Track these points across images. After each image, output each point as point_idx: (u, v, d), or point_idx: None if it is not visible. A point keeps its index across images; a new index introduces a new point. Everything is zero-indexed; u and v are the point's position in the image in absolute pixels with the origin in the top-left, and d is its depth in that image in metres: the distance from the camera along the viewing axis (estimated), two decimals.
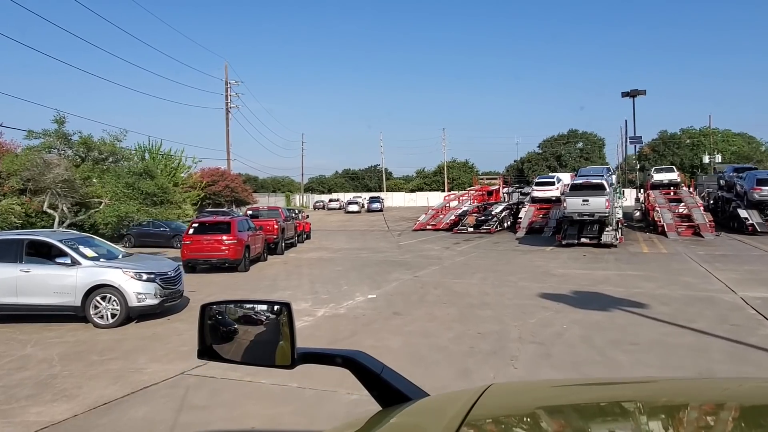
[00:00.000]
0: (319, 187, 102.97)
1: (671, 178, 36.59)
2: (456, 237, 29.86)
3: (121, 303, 9.40)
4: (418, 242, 27.04)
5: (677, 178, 37.02)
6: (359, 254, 21.32)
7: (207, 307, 1.65)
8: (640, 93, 41.35)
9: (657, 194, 33.17)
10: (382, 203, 66.70)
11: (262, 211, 24.59)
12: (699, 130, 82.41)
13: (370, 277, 14.99)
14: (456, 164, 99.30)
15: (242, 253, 16.27)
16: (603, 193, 21.60)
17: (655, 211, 30.17)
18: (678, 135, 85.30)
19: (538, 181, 35.68)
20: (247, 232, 17.43)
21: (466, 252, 21.49)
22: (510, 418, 1.20)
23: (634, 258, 18.45)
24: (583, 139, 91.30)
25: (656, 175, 37.42)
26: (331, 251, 22.81)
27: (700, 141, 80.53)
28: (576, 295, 11.67)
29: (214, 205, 45.50)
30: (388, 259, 19.30)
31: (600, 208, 21.03)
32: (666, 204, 30.99)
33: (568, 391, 1.46)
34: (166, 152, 33.76)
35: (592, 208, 21.08)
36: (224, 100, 48.53)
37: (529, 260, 18.31)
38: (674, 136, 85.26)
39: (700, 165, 71.40)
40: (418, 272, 15.67)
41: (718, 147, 75.46)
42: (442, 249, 22.98)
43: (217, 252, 15.94)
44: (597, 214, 21.07)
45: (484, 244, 25.35)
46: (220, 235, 16.04)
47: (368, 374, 1.45)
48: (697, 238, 24.95)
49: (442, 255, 20.56)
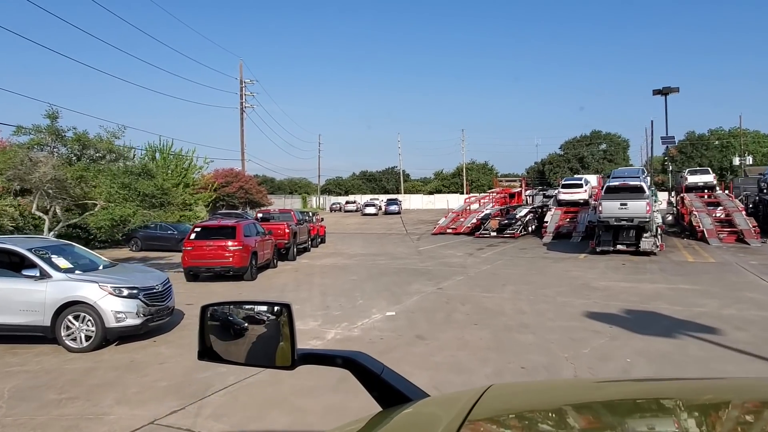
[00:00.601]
0: (336, 189, 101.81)
1: (707, 181, 34.49)
2: (478, 242, 28.22)
3: (97, 323, 8.00)
4: (438, 247, 25.44)
5: (713, 180, 34.91)
6: (376, 261, 19.80)
7: (207, 307, 1.64)
8: (673, 90, 39.09)
9: (693, 197, 31.14)
10: (400, 205, 65.12)
11: (273, 213, 23.19)
12: (728, 131, 79.49)
13: (388, 288, 13.46)
14: (475, 166, 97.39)
15: (248, 260, 14.85)
16: (642, 196, 19.81)
17: (692, 215, 28.19)
18: (706, 136, 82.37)
19: (564, 183, 33.84)
20: (255, 237, 16.02)
21: (491, 259, 19.85)
22: (510, 418, 1.18)
23: (681, 268, 16.63)
24: (606, 140, 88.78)
25: (690, 177, 35.35)
26: (347, 257, 21.33)
27: (730, 142, 77.70)
28: (629, 315, 10.00)
29: (227, 206, 44.41)
30: (408, 267, 17.76)
31: (640, 213, 19.24)
32: (704, 208, 28.97)
33: (568, 391, 1.46)
34: (177, 152, 32.58)
35: (631, 213, 19.29)
36: (239, 99, 47.51)
37: (564, 270, 16.61)
38: (702, 137, 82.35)
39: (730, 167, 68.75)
40: (442, 283, 14.10)
41: (749, 149, 72.72)
42: (465, 255, 21.37)
43: (220, 259, 14.53)
44: (636, 220, 19.28)
45: (509, 250, 23.66)
46: (224, 241, 14.64)
47: (368, 375, 1.45)
48: (741, 246, 22.99)
49: (465, 262, 18.95)
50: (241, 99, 47.52)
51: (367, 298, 12.25)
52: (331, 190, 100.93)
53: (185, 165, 32.44)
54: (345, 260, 20.19)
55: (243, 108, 47.48)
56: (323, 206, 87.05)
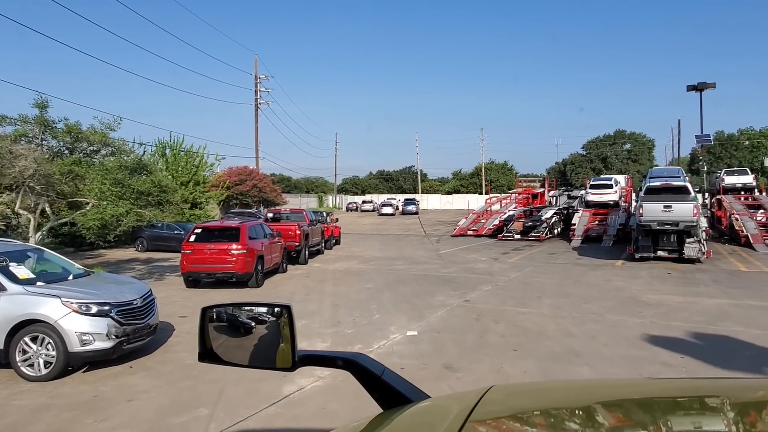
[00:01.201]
0: (352, 188, 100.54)
1: (745, 182, 32.34)
2: (502, 245, 26.54)
3: (58, 347, 6.60)
4: (460, 251, 23.83)
5: (752, 181, 32.71)
6: (394, 265, 18.27)
7: (208, 309, 1.65)
8: (709, 86, 37.04)
9: (732, 200, 29.08)
10: (418, 205, 63.45)
11: (284, 213, 21.73)
12: (759, 131, 76.46)
13: (408, 300, 11.92)
14: (494, 166, 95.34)
15: (253, 265, 13.43)
16: (688, 197, 17.98)
17: (732, 219, 26.18)
18: (735, 136, 79.39)
19: (593, 184, 31.97)
20: (262, 239, 14.59)
21: (519, 265, 18.20)
22: (512, 419, 1.18)
23: (737, 279, 14.82)
24: (631, 139, 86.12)
25: (727, 178, 33.17)
26: (362, 261, 19.83)
27: (761, 142, 74.76)
28: (698, 340, 8.35)
29: (241, 205, 43.24)
30: (429, 274, 16.20)
31: (686, 216, 17.43)
32: (745, 211, 26.93)
33: (569, 392, 1.44)
34: (187, 149, 31.37)
35: (677, 216, 17.49)
36: (254, 95, 46.30)
37: (603, 279, 14.91)
38: (732, 137, 79.36)
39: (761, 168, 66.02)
40: (469, 294, 12.53)
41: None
42: (490, 260, 19.74)
43: (222, 264, 13.13)
44: (682, 224, 17.46)
45: (537, 254, 21.97)
46: (226, 244, 13.23)
47: (369, 376, 1.44)
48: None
49: (492, 269, 17.33)
50: (255, 95, 46.30)
51: (384, 311, 10.74)
52: (348, 190, 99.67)
53: (196, 162, 31.17)
54: (360, 264, 18.70)
55: (258, 104, 46.27)
56: (339, 206, 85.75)
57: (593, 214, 30.32)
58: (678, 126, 65.00)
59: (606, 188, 31.20)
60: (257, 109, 46.07)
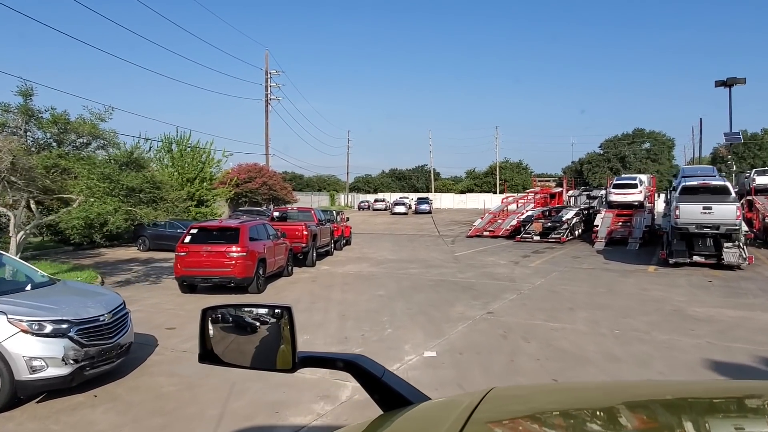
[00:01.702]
0: (364, 187, 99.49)
1: None
2: (521, 247, 25.18)
3: (3, 374, 5.45)
4: (477, 253, 22.51)
5: None
6: (408, 269, 17.02)
7: (208, 310, 1.65)
8: (739, 81, 35.26)
9: (765, 201, 27.46)
10: (431, 205, 62.08)
11: (291, 212, 20.54)
12: None
13: (424, 311, 10.67)
14: (509, 165, 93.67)
15: (254, 269, 12.26)
16: (729, 198, 16.51)
17: None
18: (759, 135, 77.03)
19: (617, 183, 30.44)
20: (265, 240, 13.43)
21: (543, 270, 16.87)
22: (511, 421, 1.18)
23: None
24: (650, 138, 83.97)
25: (758, 178, 31.44)
26: (374, 263, 18.61)
27: None
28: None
29: (250, 203, 42.24)
30: (446, 279, 14.93)
31: (728, 219, 15.98)
32: None
33: (569, 394, 1.43)
34: (194, 144, 30.33)
35: (718, 218, 16.03)
36: (264, 91, 45.25)
37: (639, 288, 13.54)
38: (755, 136, 76.99)
39: None
40: (491, 304, 11.25)
41: None
42: (511, 264, 18.42)
43: (219, 267, 11.96)
44: (724, 227, 16.01)
45: (560, 258, 20.59)
46: (224, 246, 12.07)
47: (369, 378, 1.44)
48: None
49: (513, 274, 16.02)
50: (266, 90, 45.27)
51: (397, 324, 9.50)
52: (360, 188, 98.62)
53: (202, 158, 30.12)
54: (371, 267, 17.47)
55: (268, 100, 45.24)
56: (351, 204, 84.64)
57: (617, 215, 28.86)
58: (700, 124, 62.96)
59: (630, 188, 29.69)
60: (267, 105, 45.06)
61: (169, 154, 30.36)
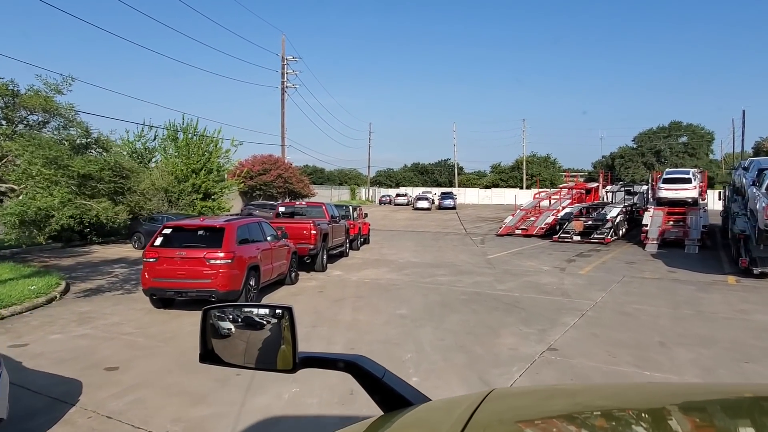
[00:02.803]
0: (386, 181, 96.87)
1: None
2: (560, 248, 22.26)
3: None
4: (512, 255, 19.66)
5: None
6: (435, 276, 14.29)
7: (209, 310, 1.66)
8: None
9: None
10: (456, 200, 59.07)
11: (300, 207, 17.77)
12: None
13: (461, 344, 7.91)
14: (536, 159, 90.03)
15: (242, 280, 9.65)
16: None
17: None
18: None
19: (668, 177, 27.18)
20: (260, 242, 10.84)
21: (598, 279, 13.98)
22: (512, 423, 1.17)
23: None
24: (688, 132, 79.48)
25: None
26: (394, 268, 15.91)
27: None
28: None
29: (265, 197, 39.85)
30: (482, 291, 12.17)
31: None
32: None
33: (570, 396, 1.43)
34: (200, 132, 27.91)
35: None
36: (280, 78, 42.73)
37: (732, 308, 10.56)
38: None
39: None
40: (550, 333, 8.45)
41: None
42: (556, 270, 15.55)
43: (197, 278, 9.37)
44: None
45: (612, 263, 17.64)
46: (204, 250, 9.47)
47: (370, 379, 1.45)
48: None
49: (563, 284, 13.18)
50: (282, 78, 42.78)
51: (426, 368, 6.78)
52: (382, 182, 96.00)
53: (209, 148, 27.69)
54: (392, 273, 14.77)
55: (284, 87, 42.74)
56: (372, 198, 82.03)
57: (667, 213, 25.69)
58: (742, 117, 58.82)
59: (683, 183, 26.44)
60: (284, 92, 42.58)
61: (175, 143, 28.03)
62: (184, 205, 25.86)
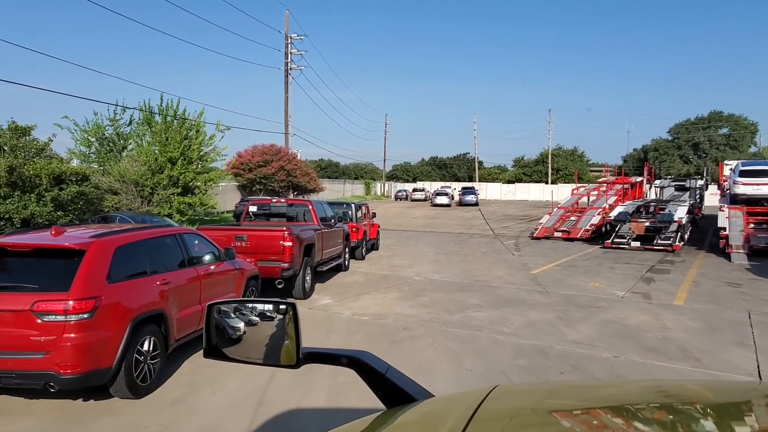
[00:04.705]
0: (403, 175, 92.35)
1: None
2: (619, 257, 17.55)
3: None
4: (562, 269, 14.94)
5: None
6: (467, 310, 9.64)
7: (213, 306, 1.66)
8: None
9: None
10: (478, 195, 54.14)
11: (277, 207, 12.90)
12: None
13: None
14: (562, 152, 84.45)
15: (115, 350, 5.10)
16: None
17: None
18: None
19: (746, 170, 22.06)
20: (169, 272, 6.30)
21: (713, 318, 9.22)
22: (516, 419, 1.15)
23: None
24: (729, 122, 73.28)
25: None
26: (407, 293, 11.28)
27: None
28: None
29: (266, 191, 35.45)
30: (547, 346, 7.48)
31: None
32: None
33: (573, 392, 1.42)
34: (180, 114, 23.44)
35: None
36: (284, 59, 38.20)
37: None
38: None
39: None
40: None
41: None
42: (637, 297, 10.81)
43: (19, 351, 4.87)
44: None
45: (705, 283, 12.85)
46: (29, 297, 4.96)
47: (373, 374, 1.44)
48: None
49: (668, 329, 8.44)
50: (286, 58, 38.25)
51: None
52: (398, 177, 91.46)
53: (189, 133, 23.22)
54: (403, 305, 10.12)
55: (288, 69, 38.20)
56: (388, 194, 77.39)
57: (747, 213, 20.70)
58: None
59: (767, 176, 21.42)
60: (287, 74, 38.05)
61: (150, 127, 23.65)
62: (159, 201, 21.49)
